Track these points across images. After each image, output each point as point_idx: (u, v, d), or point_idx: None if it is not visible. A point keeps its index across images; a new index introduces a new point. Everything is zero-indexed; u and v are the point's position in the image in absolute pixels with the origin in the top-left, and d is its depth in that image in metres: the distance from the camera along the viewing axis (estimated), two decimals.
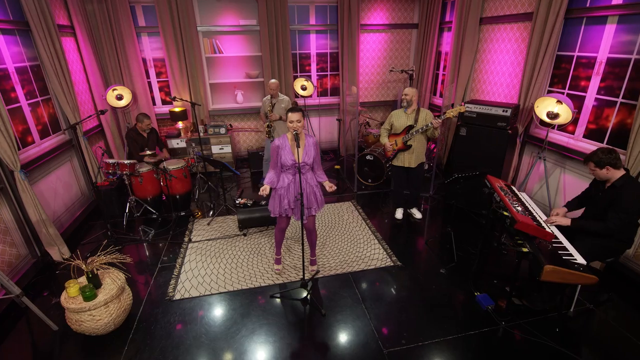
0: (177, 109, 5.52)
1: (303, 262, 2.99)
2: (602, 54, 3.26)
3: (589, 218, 2.75)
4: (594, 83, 3.37)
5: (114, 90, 5.03)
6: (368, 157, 5.09)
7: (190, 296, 3.10)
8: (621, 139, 3.19)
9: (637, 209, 2.44)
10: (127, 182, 4.21)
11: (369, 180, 5.29)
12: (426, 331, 2.70)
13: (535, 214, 2.71)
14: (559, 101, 3.43)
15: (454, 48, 5.16)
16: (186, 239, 3.98)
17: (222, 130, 5.62)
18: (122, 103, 5.11)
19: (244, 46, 5.80)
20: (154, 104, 5.78)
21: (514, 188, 3.03)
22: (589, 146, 3.47)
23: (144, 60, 5.50)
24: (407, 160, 3.92)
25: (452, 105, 5.24)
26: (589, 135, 3.51)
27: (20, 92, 3.62)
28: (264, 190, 2.84)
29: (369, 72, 6.28)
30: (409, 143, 3.83)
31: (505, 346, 2.58)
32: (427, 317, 2.85)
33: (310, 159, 2.84)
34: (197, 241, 3.93)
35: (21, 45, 3.70)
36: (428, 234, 4.04)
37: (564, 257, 2.36)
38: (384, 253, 3.65)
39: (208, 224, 4.26)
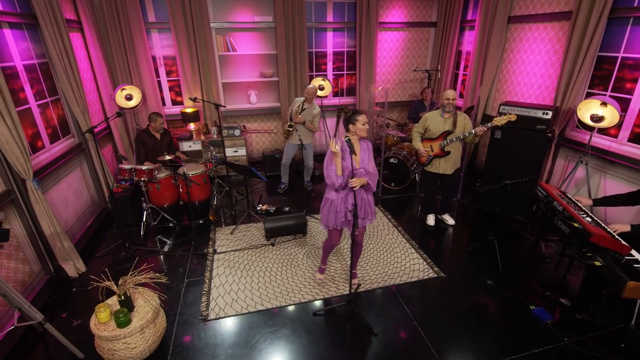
0: (188, 110, 5.24)
1: (351, 277, 2.78)
2: None
3: None
4: None
5: (122, 90, 4.72)
6: (392, 160, 4.91)
7: (226, 315, 2.86)
8: None
9: None
10: (143, 189, 3.92)
11: (392, 184, 5.11)
12: (488, 350, 2.53)
13: (603, 224, 2.56)
14: (603, 103, 3.31)
15: (477, 47, 5.02)
16: (210, 250, 3.73)
17: (237, 132, 5.36)
18: (132, 103, 4.80)
19: (259, 44, 5.54)
20: (164, 104, 5.47)
21: (569, 195, 2.89)
22: (635, 150, 3.37)
23: (154, 58, 5.19)
24: (443, 166, 3.75)
25: (473, 107, 5.11)
26: (634, 139, 3.40)
27: (29, 93, 3.30)
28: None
29: (386, 71, 6.10)
30: (446, 149, 3.66)
31: None
32: (485, 333, 2.69)
33: (367, 165, 2.62)
34: (222, 252, 3.68)
35: (29, 40, 3.38)
36: (464, 241, 3.89)
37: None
38: (424, 263, 3.47)
39: (231, 233, 4.01)
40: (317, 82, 5.44)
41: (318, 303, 2.99)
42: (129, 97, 4.76)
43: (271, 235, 3.82)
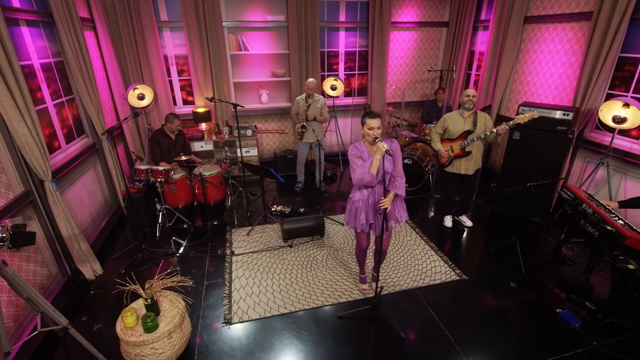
0: (200, 110, 5.18)
1: (377, 280, 2.74)
2: None
3: None
4: None
5: (134, 89, 4.66)
6: (406, 161, 4.87)
7: (250, 319, 2.81)
8: None
9: None
10: (159, 190, 3.87)
11: (406, 185, 5.07)
12: (518, 353, 2.50)
13: (635, 227, 2.54)
14: (625, 104, 3.29)
15: (491, 48, 4.99)
16: (228, 252, 3.68)
17: (249, 132, 5.31)
18: (144, 103, 4.74)
19: (271, 43, 5.49)
20: (175, 104, 5.42)
21: (596, 198, 2.86)
22: None
23: (165, 58, 5.13)
24: (465, 167, 3.72)
25: (490, 106, 5.09)
26: None
27: (46, 92, 3.24)
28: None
29: (398, 71, 6.07)
30: (467, 149, 3.63)
31: None
32: (514, 338, 2.66)
33: (391, 167, 2.58)
34: (240, 254, 3.64)
35: (45, 39, 3.32)
36: (483, 243, 3.86)
37: None
38: (446, 265, 3.44)
39: (247, 234, 3.97)
40: (329, 82, 5.40)
41: (342, 306, 2.95)
42: (141, 97, 4.71)
43: (289, 236, 3.78)
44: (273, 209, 4.40)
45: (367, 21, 5.57)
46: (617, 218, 2.52)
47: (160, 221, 3.91)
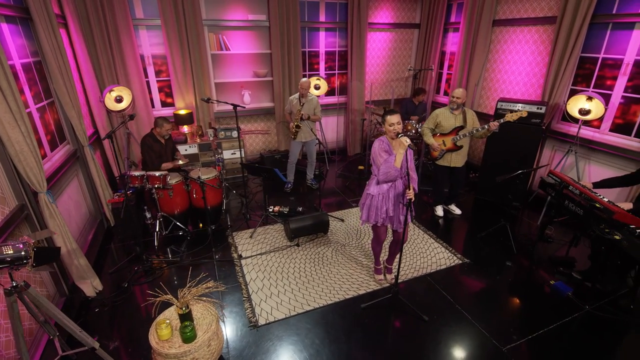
0: (182, 112, 4.97)
1: (399, 268, 2.87)
2: (630, 56, 3.66)
3: None
4: (621, 82, 3.76)
5: (111, 91, 4.35)
6: None
7: (276, 319, 2.81)
8: None
9: None
10: (155, 197, 3.67)
11: None
12: (529, 324, 2.78)
13: (615, 204, 2.93)
14: (589, 98, 3.77)
15: (462, 48, 5.38)
16: (235, 255, 3.61)
17: (234, 134, 5.19)
18: (122, 105, 4.45)
19: (252, 43, 5.41)
20: (153, 106, 5.13)
21: (577, 180, 3.25)
22: (616, 139, 3.88)
23: (142, 57, 4.84)
24: (455, 160, 3.99)
25: (471, 104, 5.47)
26: (615, 129, 3.91)
27: (28, 95, 2.94)
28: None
29: (375, 70, 6.29)
30: (459, 144, 3.90)
31: (600, 326, 2.76)
32: (521, 310, 2.95)
33: (411, 162, 2.72)
34: (248, 257, 3.58)
35: (23, 37, 3.01)
36: (474, 228, 4.18)
37: None
38: (447, 251, 3.68)
39: (251, 237, 3.91)
40: (312, 81, 5.46)
41: (362, 298, 3.05)
42: (119, 99, 4.41)
43: (295, 235, 3.79)
44: (270, 210, 4.37)
45: (346, 22, 5.71)
46: (602, 197, 2.89)
47: (157, 229, 3.71)
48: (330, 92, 6.25)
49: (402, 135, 2.53)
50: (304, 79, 4.42)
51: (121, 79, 4.65)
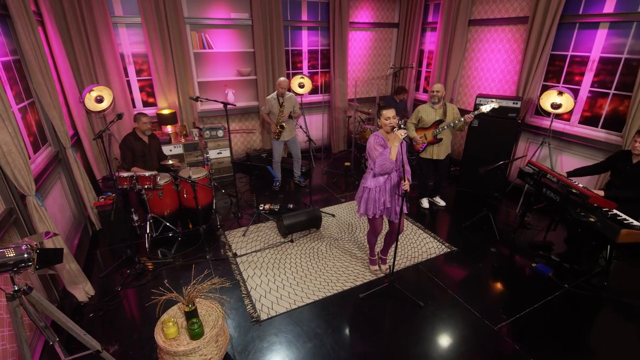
0: (165, 112, 4.87)
1: (395, 258, 2.99)
2: (595, 54, 3.96)
3: (612, 187, 3.32)
4: (588, 78, 4.06)
5: (91, 91, 4.21)
6: None
7: (277, 313, 2.84)
8: (613, 124, 3.93)
9: None
10: (144, 198, 3.60)
11: None
12: (517, 304, 2.97)
13: (588, 189, 3.17)
14: (560, 92, 4.04)
15: (440, 47, 5.60)
16: (230, 254, 3.60)
17: (220, 133, 5.15)
18: (103, 106, 4.32)
19: (235, 42, 5.38)
20: (134, 106, 4.99)
21: (553, 169, 3.49)
22: (585, 130, 4.18)
23: (122, 56, 4.71)
24: (437, 152, 4.17)
25: (452, 100, 5.69)
26: (583, 121, 4.21)
27: (10, 94, 2.81)
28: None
29: (357, 69, 6.41)
30: (439, 137, 4.08)
31: (579, 302, 2.99)
32: (508, 291, 3.14)
33: (404, 155, 2.83)
34: (243, 255, 3.59)
35: (2, 34, 2.87)
36: (458, 218, 4.37)
37: (624, 222, 2.84)
38: (435, 241, 3.85)
39: (243, 235, 3.91)
40: (296, 79, 5.50)
41: (360, 288, 3.14)
42: (99, 99, 4.27)
43: (289, 231, 3.83)
44: (261, 208, 4.38)
45: (328, 21, 5.79)
46: (577, 183, 3.13)
47: (148, 231, 3.64)
48: (313, 91, 6.31)
49: (397, 129, 2.63)
50: (282, 78, 4.45)
51: (100, 78, 4.50)
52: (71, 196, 3.75)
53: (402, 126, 2.68)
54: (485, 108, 3.89)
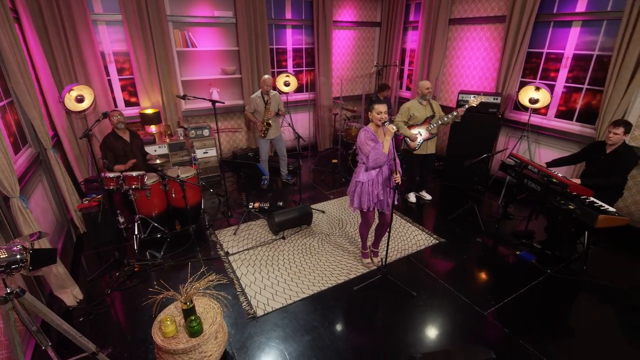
0: (148, 111, 4.78)
1: (387, 250, 3.05)
2: (569, 51, 4.16)
3: (587, 176, 3.51)
4: (562, 74, 4.27)
5: (71, 91, 4.08)
6: None
7: (274, 309, 2.86)
8: (587, 117, 4.14)
9: (631, 167, 3.26)
10: (132, 198, 3.52)
11: None
12: (503, 290, 3.09)
13: (567, 178, 3.34)
14: (537, 88, 4.23)
15: (422, 46, 5.74)
16: (222, 253, 3.58)
17: (206, 132, 5.09)
18: (84, 105, 4.19)
19: (219, 40, 5.33)
20: (116, 106, 4.87)
21: (532, 161, 3.65)
22: (561, 124, 4.39)
23: (102, 55, 4.58)
24: (429, 147, 4.29)
25: (434, 97, 5.82)
26: (559, 115, 4.42)
27: None
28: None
29: (341, 67, 6.48)
30: (433, 132, 4.18)
31: (561, 286, 3.15)
32: (495, 278, 3.27)
33: (393, 148, 2.90)
34: (235, 253, 3.57)
35: None
36: (444, 211, 4.49)
37: (600, 208, 3.02)
38: (424, 233, 3.95)
39: (234, 234, 3.89)
40: (282, 78, 5.50)
41: (353, 281, 3.18)
42: (80, 99, 4.15)
43: (280, 228, 3.84)
44: (251, 206, 4.37)
45: (312, 19, 5.82)
46: (557, 173, 3.29)
47: (136, 232, 3.56)
48: (298, 89, 6.32)
49: (388, 123, 2.70)
50: (267, 76, 4.45)
51: (80, 77, 4.37)
52: (53, 199, 3.62)
53: (391, 121, 2.75)
54: (475, 101, 3.99)
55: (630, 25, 3.45)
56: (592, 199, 3.19)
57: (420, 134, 4.19)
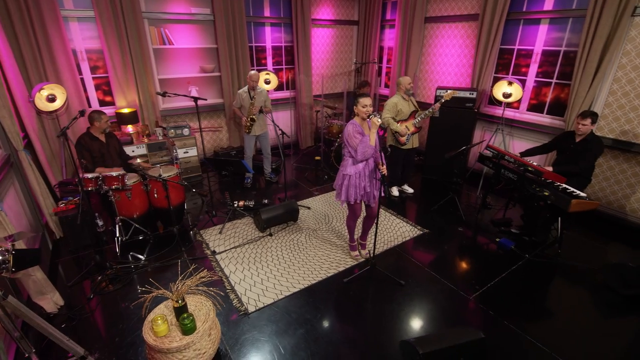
0: (125, 110, 4.63)
1: (375, 241, 3.11)
2: (538, 47, 4.38)
3: (559, 164, 3.71)
4: (533, 69, 4.49)
5: (41, 90, 3.90)
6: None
7: (265, 304, 2.85)
8: (556, 109, 4.38)
9: (599, 154, 3.47)
10: (112, 199, 3.40)
11: None
12: (486, 275, 3.22)
13: (541, 166, 3.51)
14: (509, 83, 4.43)
15: (399, 44, 5.86)
16: (208, 252, 3.52)
17: (186, 131, 4.99)
18: (56, 105, 4.02)
19: (197, 37, 5.24)
20: (90, 105, 4.68)
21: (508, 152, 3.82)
22: (533, 117, 4.62)
23: (74, 52, 4.39)
24: (414, 141, 4.39)
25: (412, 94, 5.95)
26: (531, 109, 4.65)
27: None
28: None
29: (321, 65, 6.51)
30: (418, 125, 4.27)
31: (539, 269, 3.32)
32: (477, 265, 3.39)
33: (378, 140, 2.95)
34: (222, 252, 3.53)
35: None
36: (426, 203, 4.61)
37: (573, 194, 3.20)
38: (409, 225, 4.04)
39: (220, 232, 3.84)
40: (262, 76, 5.48)
41: (342, 274, 3.22)
42: (51, 98, 3.97)
43: (267, 225, 3.82)
44: (235, 205, 4.32)
45: (290, 17, 5.83)
46: (532, 162, 3.46)
47: (117, 235, 3.45)
48: (279, 87, 6.30)
49: (373, 116, 2.75)
50: (253, 72, 4.44)
51: (51, 76, 4.18)
52: (26, 203, 3.45)
53: (368, 120, 2.81)
54: (448, 96, 4.11)
55: (593, 22, 3.68)
56: (564, 185, 3.37)
57: (407, 128, 4.27)
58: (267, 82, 5.54)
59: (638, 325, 2.72)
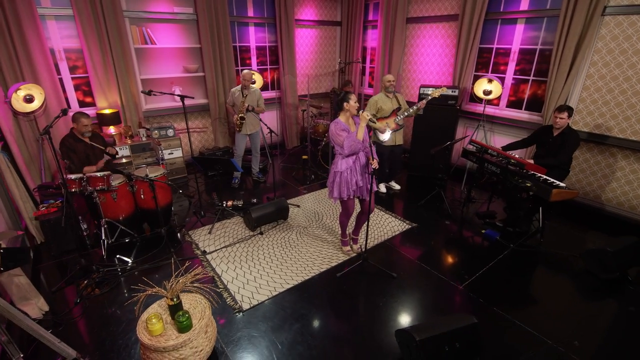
0: (107, 111, 4.52)
1: (367, 235, 3.15)
2: (516, 46, 4.56)
3: (539, 157, 3.87)
4: (511, 67, 4.67)
5: (18, 90, 3.76)
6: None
7: (260, 301, 2.83)
8: (534, 105, 4.57)
9: (576, 147, 3.64)
10: (96, 201, 3.30)
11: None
12: (474, 265, 3.32)
13: (523, 158, 3.65)
14: (489, 80, 4.59)
15: (382, 44, 5.97)
16: (198, 252, 3.47)
17: (170, 132, 4.90)
18: (34, 106, 3.87)
19: (180, 37, 5.17)
20: (69, 106, 4.53)
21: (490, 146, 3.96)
22: (512, 113, 4.79)
23: (52, 52, 4.25)
24: (397, 139, 4.47)
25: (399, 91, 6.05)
26: (510, 105, 4.83)
27: None
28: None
29: (306, 65, 6.54)
30: (400, 123, 4.36)
31: (523, 258, 3.44)
32: (465, 256, 3.49)
33: (367, 139, 3.01)
34: (212, 251, 3.48)
35: None
36: (413, 199, 4.70)
37: (553, 184, 3.34)
38: (397, 220, 4.11)
39: (209, 233, 3.79)
40: None
41: (335, 269, 3.24)
42: (29, 99, 3.83)
43: (258, 224, 3.81)
44: (224, 204, 4.27)
45: (274, 17, 5.84)
46: (514, 154, 3.60)
47: (103, 237, 3.35)
48: (264, 87, 6.28)
49: (362, 111, 2.80)
50: (246, 71, 4.44)
51: (27, 75, 4.03)
52: (4, 207, 3.31)
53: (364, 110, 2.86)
54: (436, 93, 4.22)
55: (566, 21, 3.87)
56: (545, 176, 3.51)
57: (388, 125, 4.35)
58: (253, 82, 5.50)
59: (617, 307, 2.87)
